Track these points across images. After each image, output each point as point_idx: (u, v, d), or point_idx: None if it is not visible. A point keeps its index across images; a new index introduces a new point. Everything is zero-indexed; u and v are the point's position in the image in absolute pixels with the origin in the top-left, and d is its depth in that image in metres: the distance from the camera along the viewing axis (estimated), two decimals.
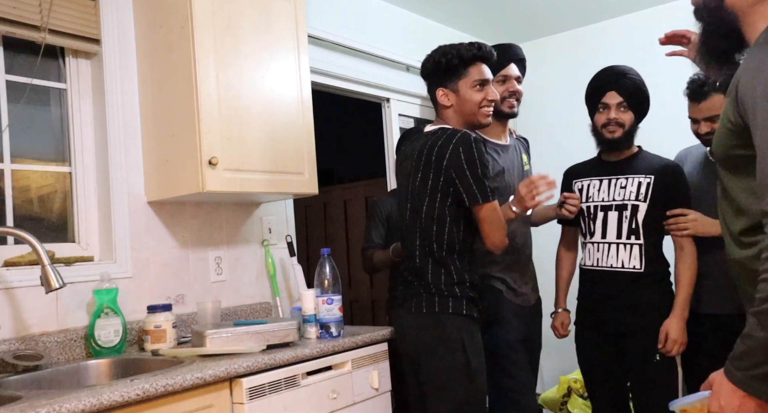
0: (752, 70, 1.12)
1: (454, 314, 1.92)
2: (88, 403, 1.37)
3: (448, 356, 1.89)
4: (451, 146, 1.90)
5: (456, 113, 2.05)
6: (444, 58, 2.02)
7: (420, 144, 2.01)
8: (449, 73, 2.02)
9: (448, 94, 2.04)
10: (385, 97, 3.45)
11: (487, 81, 2.05)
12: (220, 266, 2.44)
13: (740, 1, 1.20)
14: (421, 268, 1.97)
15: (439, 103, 2.07)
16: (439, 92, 2.05)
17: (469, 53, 2.01)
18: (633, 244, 2.29)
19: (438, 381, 1.91)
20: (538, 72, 4.24)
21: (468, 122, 2.06)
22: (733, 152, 1.25)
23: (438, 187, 1.93)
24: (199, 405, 1.63)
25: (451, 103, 2.04)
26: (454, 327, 1.91)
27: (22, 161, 2.09)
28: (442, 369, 1.90)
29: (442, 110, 2.07)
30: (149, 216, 2.25)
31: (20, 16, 1.97)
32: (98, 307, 1.98)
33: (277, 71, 2.30)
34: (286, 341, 1.97)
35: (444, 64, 2.02)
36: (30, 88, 2.09)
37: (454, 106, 2.04)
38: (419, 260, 1.98)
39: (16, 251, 1.98)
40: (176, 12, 2.10)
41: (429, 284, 1.95)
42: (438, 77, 2.05)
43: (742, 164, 1.24)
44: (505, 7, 3.69)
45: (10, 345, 1.83)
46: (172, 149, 2.13)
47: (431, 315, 1.93)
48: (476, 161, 1.88)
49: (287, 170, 2.30)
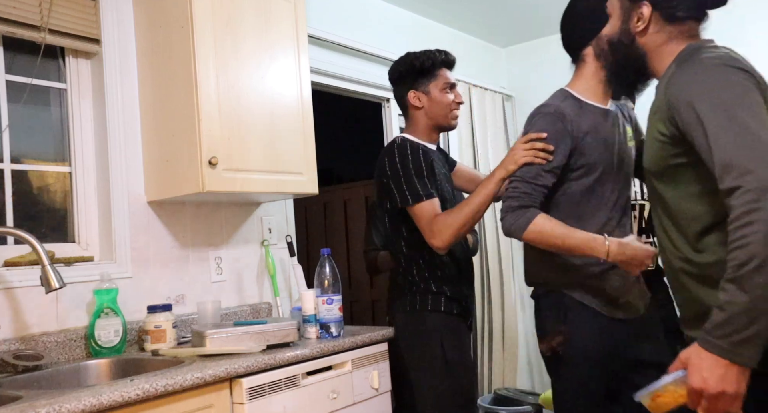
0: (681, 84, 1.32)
1: (433, 311, 2.06)
2: (88, 403, 1.37)
3: (426, 350, 2.03)
4: (384, 158, 2.06)
5: (426, 116, 2.14)
6: (417, 62, 2.12)
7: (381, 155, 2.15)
8: (421, 76, 2.12)
9: (420, 96, 2.13)
10: (385, 97, 3.45)
11: (455, 85, 2.15)
12: (220, 266, 2.44)
13: (650, 42, 1.46)
14: (404, 268, 2.14)
15: (410, 105, 2.16)
16: (410, 94, 2.13)
17: (438, 58, 2.14)
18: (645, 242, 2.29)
19: (418, 374, 2.06)
20: (537, 72, 4.24)
21: (437, 123, 2.15)
22: (670, 161, 1.37)
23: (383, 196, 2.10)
24: (199, 405, 1.63)
25: (422, 105, 2.13)
26: (432, 323, 2.06)
27: (22, 161, 2.09)
28: (422, 363, 2.05)
29: (413, 112, 2.16)
30: (149, 216, 2.25)
31: (20, 16, 1.97)
32: (98, 307, 1.99)
33: (277, 71, 2.30)
34: (286, 341, 1.97)
35: (417, 66, 2.11)
36: (30, 88, 2.09)
37: (425, 108, 2.13)
38: (402, 260, 2.14)
39: (16, 251, 1.98)
40: (176, 12, 2.10)
41: (410, 284, 2.12)
42: (410, 80, 2.14)
43: (680, 172, 1.36)
44: (505, 7, 3.70)
45: (10, 345, 1.83)
46: (172, 149, 2.13)
47: (414, 312, 2.09)
48: (397, 165, 2.00)
49: (287, 170, 2.30)
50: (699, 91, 1.28)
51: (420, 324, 2.08)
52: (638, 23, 1.46)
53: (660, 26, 1.45)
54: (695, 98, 1.27)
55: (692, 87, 1.29)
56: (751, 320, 1.14)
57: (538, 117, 1.81)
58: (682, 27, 1.44)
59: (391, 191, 2.04)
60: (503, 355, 3.79)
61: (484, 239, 3.79)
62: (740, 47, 1.49)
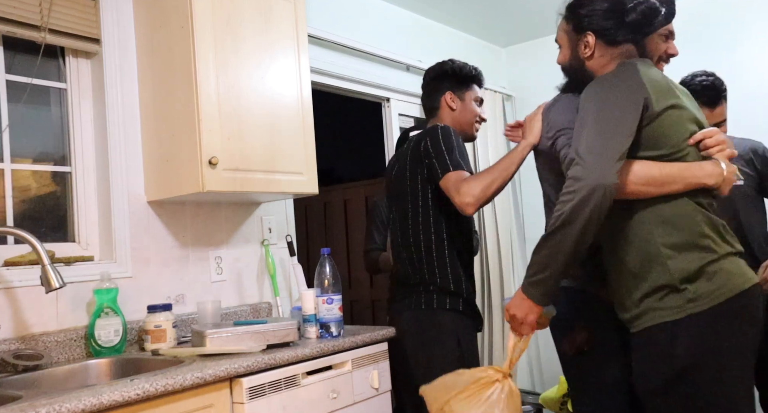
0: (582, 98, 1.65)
1: (451, 310, 2.04)
2: (88, 403, 1.37)
3: (443, 349, 2.01)
4: (426, 138, 2.07)
5: (453, 119, 2.20)
6: (461, 69, 2.21)
7: (406, 148, 2.16)
8: (461, 82, 2.21)
9: (455, 99, 2.20)
10: (385, 97, 3.45)
11: (483, 101, 2.27)
12: (220, 266, 2.44)
13: (595, 65, 1.73)
14: (417, 267, 2.09)
15: (444, 105, 2.20)
16: (447, 95, 2.20)
17: (478, 73, 2.26)
18: None
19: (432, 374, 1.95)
20: (537, 72, 4.24)
21: (462, 129, 2.21)
22: None
23: (420, 181, 2.08)
24: (199, 405, 1.63)
25: (456, 108, 2.20)
26: (450, 322, 2.03)
27: (22, 161, 2.09)
28: (437, 362, 2.00)
29: (444, 112, 2.21)
30: (149, 216, 2.25)
31: (20, 15, 1.97)
32: (98, 307, 1.99)
33: (277, 71, 2.30)
34: (286, 341, 1.97)
35: (464, 72, 2.20)
36: (30, 88, 2.09)
37: (456, 111, 2.20)
38: (415, 258, 2.09)
39: (16, 250, 1.98)
40: (176, 12, 2.10)
41: (426, 283, 2.07)
42: (451, 82, 2.21)
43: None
44: (505, 7, 3.70)
45: (10, 344, 1.83)
46: (172, 149, 2.13)
47: (429, 310, 2.05)
48: (440, 142, 2.02)
49: (287, 170, 2.30)
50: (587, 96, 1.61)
51: (433, 323, 2.06)
52: (585, 50, 1.72)
53: (603, 50, 1.70)
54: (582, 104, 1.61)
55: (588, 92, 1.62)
56: (540, 269, 1.55)
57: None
58: (621, 49, 1.69)
59: (433, 167, 2.01)
60: (503, 355, 3.79)
61: (484, 239, 3.79)
62: (740, 47, 1.50)
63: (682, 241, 1.53)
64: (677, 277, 1.52)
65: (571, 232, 1.48)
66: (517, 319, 1.62)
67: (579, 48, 1.74)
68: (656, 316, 1.54)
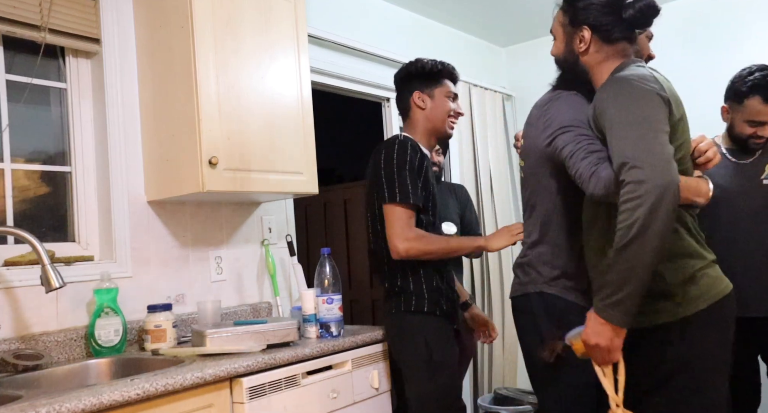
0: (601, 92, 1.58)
1: (416, 312, 2.03)
2: (89, 403, 1.37)
3: (412, 350, 2.02)
4: (382, 151, 2.05)
5: (425, 118, 2.18)
6: (427, 65, 2.18)
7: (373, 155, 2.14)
8: (430, 79, 2.18)
9: (424, 98, 2.17)
10: (385, 97, 3.45)
11: (457, 96, 2.23)
12: (220, 266, 2.45)
13: (590, 61, 1.68)
14: (388, 272, 2.11)
15: (413, 105, 2.19)
16: (415, 95, 2.18)
17: (447, 68, 2.21)
18: None
19: (407, 374, 2.05)
20: (537, 72, 4.24)
21: (435, 128, 2.19)
22: None
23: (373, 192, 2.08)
24: (199, 405, 1.63)
25: (425, 106, 2.18)
26: (417, 323, 2.04)
27: (22, 160, 2.09)
28: (408, 363, 2.04)
29: (414, 112, 2.20)
30: (149, 216, 2.25)
31: (20, 15, 1.97)
32: (98, 307, 1.99)
33: (277, 71, 2.30)
34: (286, 340, 1.97)
35: (427, 69, 2.17)
36: (30, 88, 2.09)
37: (426, 109, 2.18)
38: (386, 264, 2.10)
39: (16, 250, 1.98)
40: (176, 12, 2.10)
41: (394, 286, 2.08)
42: (418, 81, 2.19)
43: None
44: (505, 7, 3.70)
45: (10, 344, 1.83)
46: (172, 149, 2.13)
47: (398, 313, 2.06)
48: (392, 160, 2.00)
49: (287, 169, 2.30)
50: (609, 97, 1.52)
51: (402, 326, 2.06)
52: (580, 45, 1.68)
53: (599, 46, 1.66)
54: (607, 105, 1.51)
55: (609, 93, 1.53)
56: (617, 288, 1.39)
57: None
58: (617, 47, 1.65)
59: (382, 186, 2.01)
60: (503, 355, 3.79)
61: None
62: (740, 47, 1.50)
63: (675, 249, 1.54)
64: (671, 283, 1.53)
65: (648, 240, 1.34)
66: (603, 348, 1.45)
67: (574, 42, 1.69)
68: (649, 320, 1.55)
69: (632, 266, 1.37)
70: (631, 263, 1.37)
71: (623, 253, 1.37)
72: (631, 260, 1.37)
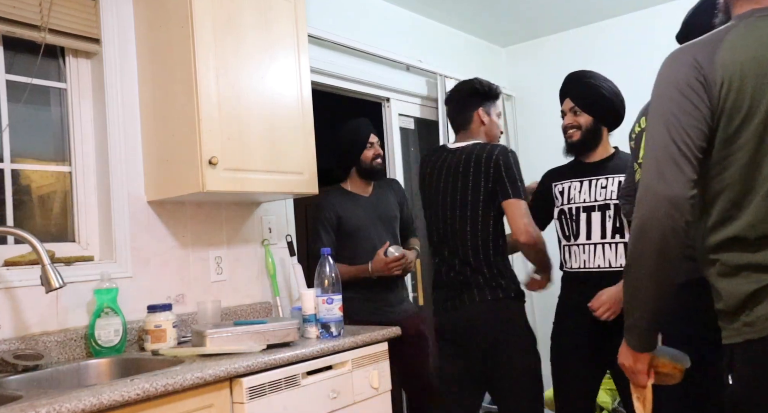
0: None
1: (515, 298, 2.22)
2: (89, 403, 1.37)
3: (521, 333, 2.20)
4: (499, 157, 2.21)
5: (484, 133, 2.37)
6: (489, 87, 2.40)
7: (458, 157, 2.28)
8: (490, 99, 2.39)
9: (484, 115, 2.36)
10: (385, 97, 3.45)
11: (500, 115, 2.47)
12: (220, 266, 2.44)
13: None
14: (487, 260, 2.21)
15: (476, 119, 2.36)
16: (480, 111, 2.36)
17: (500, 91, 2.45)
18: (618, 243, 2.31)
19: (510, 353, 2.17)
20: (537, 72, 4.25)
21: (490, 142, 2.37)
22: None
23: (487, 190, 2.20)
24: (199, 405, 1.63)
25: (486, 122, 2.37)
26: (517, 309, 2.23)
27: (22, 161, 2.09)
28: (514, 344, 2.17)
29: (477, 127, 2.37)
30: (149, 216, 2.25)
31: (20, 15, 1.97)
32: (98, 307, 1.99)
33: (277, 71, 2.30)
34: (286, 340, 1.97)
35: (490, 90, 2.39)
36: (30, 88, 2.09)
37: (486, 126, 2.37)
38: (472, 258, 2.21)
39: (16, 250, 1.98)
40: (176, 12, 2.10)
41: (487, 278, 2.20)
42: (480, 98, 2.37)
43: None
44: (505, 7, 3.70)
45: (10, 344, 1.83)
46: (172, 149, 2.13)
47: (496, 301, 2.19)
48: (514, 164, 2.21)
49: (287, 170, 2.30)
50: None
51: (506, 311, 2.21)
52: None
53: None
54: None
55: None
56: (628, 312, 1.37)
57: None
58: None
59: (505, 184, 2.18)
60: None
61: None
62: None
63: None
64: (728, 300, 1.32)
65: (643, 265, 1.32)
66: (627, 369, 1.44)
67: None
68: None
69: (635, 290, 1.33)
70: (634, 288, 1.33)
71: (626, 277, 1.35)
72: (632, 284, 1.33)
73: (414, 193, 3.80)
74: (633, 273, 1.32)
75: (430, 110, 3.73)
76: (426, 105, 3.71)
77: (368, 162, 2.75)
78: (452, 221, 2.27)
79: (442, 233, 2.30)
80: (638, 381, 1.44)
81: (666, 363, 1.42)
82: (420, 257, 3.04)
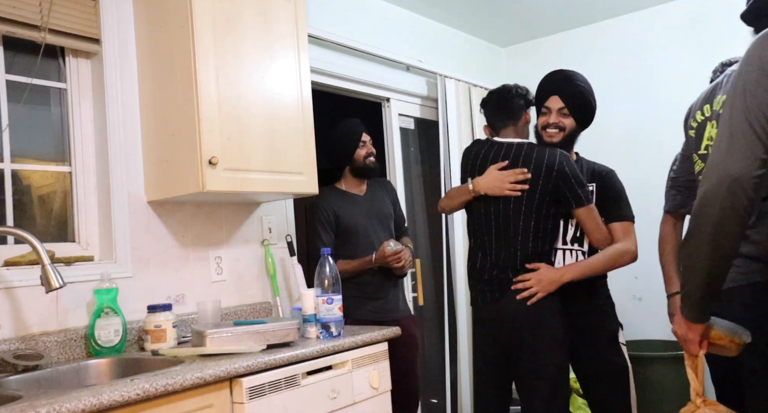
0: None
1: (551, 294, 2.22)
2: (88, 403, 1.37)
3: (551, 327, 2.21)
4: (563, 163, 2.26)
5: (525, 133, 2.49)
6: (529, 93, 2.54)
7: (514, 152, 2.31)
8: (530, 104, 2.51)
9: (528, 117, 2.47)
10: (385, 97, 3.45)
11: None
12: (220, 266, 2.44)
13: None
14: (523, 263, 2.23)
15: (523, 119, 2.45)
16: (529, 114, 2.48)
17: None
18: (576, 251, 2.31)
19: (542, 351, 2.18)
20: (537, 72, 4.23)
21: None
22: None
23: (546, 191, 2.24)
24: (199, 405, 1.63)
25: (528, 123, 2.47)
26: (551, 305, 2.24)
27: (22, 161, 2.09)
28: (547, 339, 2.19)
29: (523, 125, 2.46)
30: (149, 216, 2.25)
31: (20, 15, 1.97)
32: (98, 307, 1.99)
33: (277, 71, 2.30)
34: (286, 340, 1.97)
35: (530, 95, 2.53)
36: (30, 88, 2.09)
37: (527, 126, 2.48)
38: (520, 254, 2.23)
39: (16, 250, 1.98)
40: (176, 12, 2.10)
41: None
42: (525, 101, 2.49)
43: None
44: (505, 7, 3.70)
45: (10, 344, 1.83)
46: (172, 149, 2.13)
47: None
48: (576, 172, 2.28)
49: (287, 170, 2.30)
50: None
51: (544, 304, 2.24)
52: None
53: None
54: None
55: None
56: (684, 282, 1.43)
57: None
58: None
59: (574, 189, 2.24)
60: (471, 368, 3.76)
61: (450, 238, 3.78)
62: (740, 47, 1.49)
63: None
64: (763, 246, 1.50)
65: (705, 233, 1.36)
66: (680, 337, 1.51)
67: None
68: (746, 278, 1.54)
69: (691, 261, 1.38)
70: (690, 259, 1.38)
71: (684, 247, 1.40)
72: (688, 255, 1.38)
73: (414, 193, 3.80)
74: (690, 245, 1.36)
75: (430, 110, 3.73)
76: (426, 105, 3.71)
77: (361, 160, 2.75)
78: (505, 214, 2.26)
79: (486, 224, 2.30)
80: (690, 349, 1.48)
81: (722, 336, 1.44)
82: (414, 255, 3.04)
